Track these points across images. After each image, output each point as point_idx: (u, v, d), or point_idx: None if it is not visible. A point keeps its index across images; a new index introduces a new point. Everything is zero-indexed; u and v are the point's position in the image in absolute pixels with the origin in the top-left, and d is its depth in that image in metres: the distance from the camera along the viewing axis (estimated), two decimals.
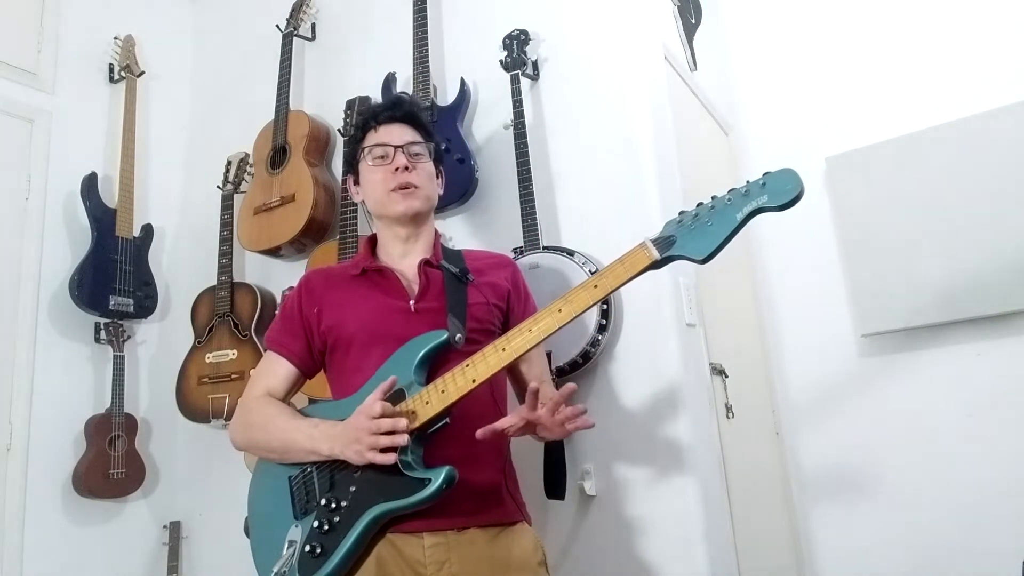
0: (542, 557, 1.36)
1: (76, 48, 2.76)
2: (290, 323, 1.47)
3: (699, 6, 2.80)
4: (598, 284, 1.20)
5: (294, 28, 2.63)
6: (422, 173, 1.47)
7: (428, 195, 1.49)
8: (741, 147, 2.91)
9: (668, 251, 1.18)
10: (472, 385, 1.22)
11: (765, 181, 1.14)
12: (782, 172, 1.14)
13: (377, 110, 1.53)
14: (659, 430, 1.79)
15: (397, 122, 1.50)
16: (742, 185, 1.16)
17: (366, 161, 1.49)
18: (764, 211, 1.14)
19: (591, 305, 1.21)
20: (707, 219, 1.16)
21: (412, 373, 1.27)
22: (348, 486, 1.25)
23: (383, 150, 1.46)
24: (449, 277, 1.43)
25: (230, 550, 2.31)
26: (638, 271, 1.19)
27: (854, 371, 2.55)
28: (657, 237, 1.20)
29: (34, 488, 2.36)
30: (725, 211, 1.15)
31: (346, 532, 1.22)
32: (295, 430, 1.31)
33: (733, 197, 1.16)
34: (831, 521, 2.52)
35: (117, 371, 2.52)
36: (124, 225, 2.62)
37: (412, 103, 1.59)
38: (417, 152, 1.48)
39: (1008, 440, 2.26)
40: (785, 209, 1.13)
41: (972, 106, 2.42)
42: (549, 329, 1.21)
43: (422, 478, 1.19)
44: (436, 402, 1.23)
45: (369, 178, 1.48)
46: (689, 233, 1.17)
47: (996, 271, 2.29)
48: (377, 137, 1.48)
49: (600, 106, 2.02)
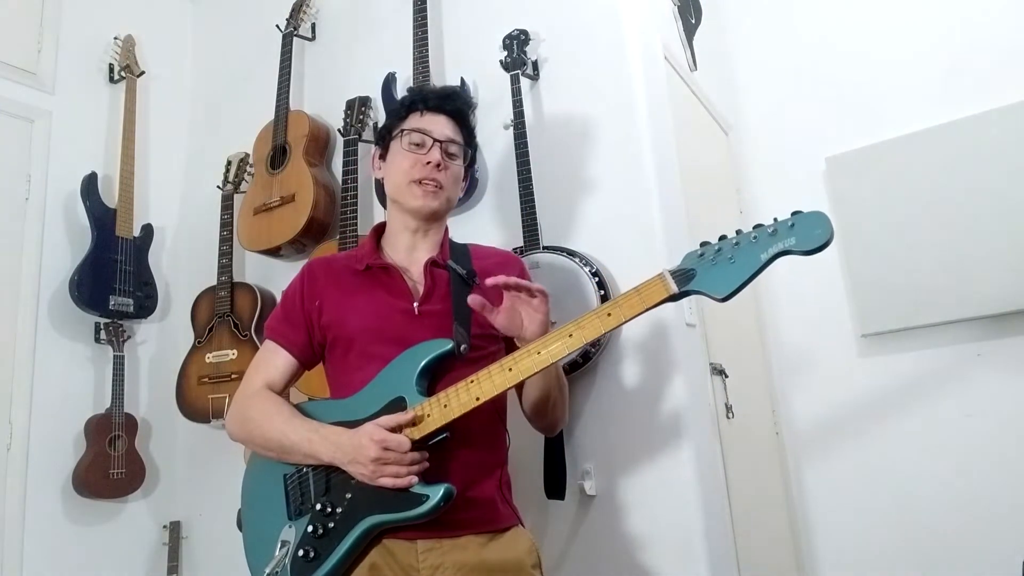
0: (536, 560, 1.35)
1: (76, 48, 2.76)
2: (291, 313, 1.43)
3: (699, 6, 2.80)
4: (611, 313, 1.17)
5: (294, 28, 2.63)
6: (450, 175, 1.43)
7: (449, 197, 1.45)
8: (741, 147, 2.92)
9: (687, 285, 1.14)
10: (476, 403, 1.21)
11: (794, 223, 1.09)
12: (813, 215, 1.09)
13: (429, 95, 1.46)
14: (659, 430, 1.79)
15: (445, 114, 1.45)
16: (769, 224, 1.11)
17: (400, 142, 1.43)
18: (790, 254, 1.09)
19: (603, 333, 1.19)
20: (730, 255, 1.12)
21: (414, 381, 1.26)
22: (344, 492, 1.24)
23: (421, 138, 1.41)
24: (455, 279, 1.40)
25: (230, 550, 2.30)
26: (654, 303, 1.16)
27: (854, 371, 2.55)
28: (676, 269, 1.16)
29: (34, 488, 2.37)
30: (750, 249, 1.10)
31: (340, 539, 1.22)
32: (294, 432, 1.29)
33: (759, 236, 1.11)
34: (831, 521, 2.52)
35: (117, 371, 2.52)
36: (124, 225, 2.62)
37: (465, 101, 1.52)
38: (453, 153, 1.44)
39: (1008, 440, 2.26)
40: (812, 254, 1.08)
41: (972, 106, 2.42)
42: (559, 354, 1.19)
43: (420, 494, 1.19)
44: (438, 416, 1.22)
45: (398, 161, 1.43)
46: (711, 268, 1.13)
47: (996, 271, 2.29)
48: (421, 122, 1.43)
49: (600, 106, 2.02)
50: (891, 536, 2.39)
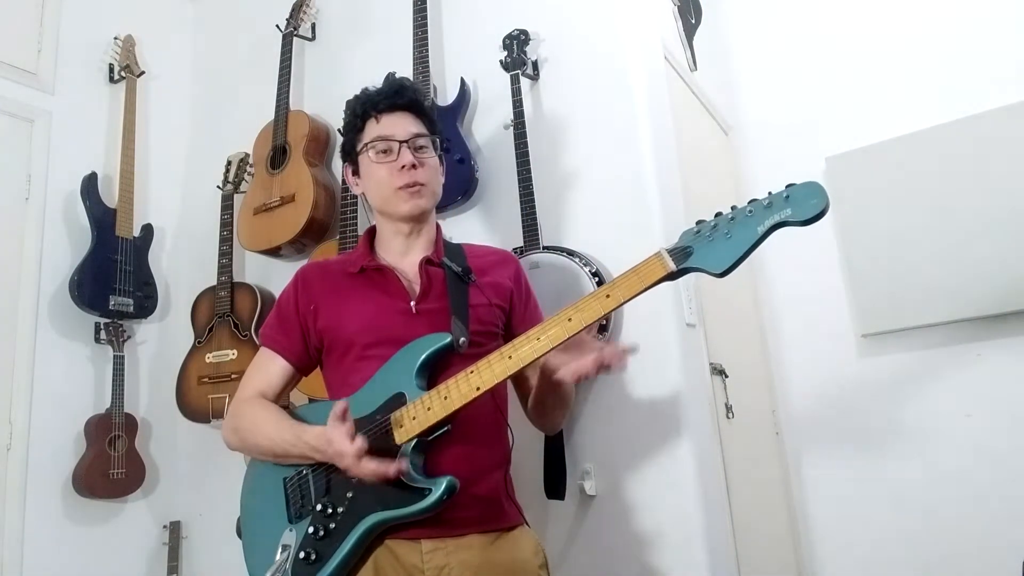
0: (543, 560, 1.35)
1: (76, 48, 2.76)
2: (286, 319, 1.42)
3: (699, 6, 2.80)
4: (610, 294, 1.15)
5: (294, 28, 2.63)
6: (428, 169, 1.41)
7: (434, 191, 1.43)
8: (741, 147, 2.92)
9: (684, 262, 1.12)
10: (476, 393, 1.19)
11: (789, 194, 1.09)
12: (807, 185, 1.08)
13: (377, 98, 1.42)
14: (659, 430, 1.79)
15: (400, 111, 1.41)
16: (764, 197, 1.11)
17: (368, 154, 1.40)
18: (787, 225, 1.08)
19: (603, 315, 1.17)
20: (726, 230, 1.11)
21: (413, 377, 1.25)
22: (345, 492, 1.23)
23: (386, 144, 1.38)
24: (451, 276, 1.38)
25: (230, 550, 2.30)
26: (652, 282, 1.14)
27: (854, 371, 2.55)
28: (673, 247, 1.14)
29: (34, 488, 2.36)
30: (746, 223, 1.10)
31: (342, 539, 1.21)
32: (280, 438, 1.28)
33: (755, 209, 1.10)
34: (831, 521, 2.52)
35: (117, 371, 2.52)
36: (124, 225, 2.62)
37: (415, 90, 1.48)
38: (422, 146, 1.41)
39: (1008, 440, 2.26)
40: (809, 224, 1.07)
41: (972, 106, 2.42)
42: (558, 338, 1.17)
43: (422, 488, 1.17)
44: (438, 409, 1.20)
45: (372, 174, 1.41)
46: (707, 244, 1.12)
47: (996, 271, 2.29)
48: (380, 129, 1.40)
49: (600, 106, 2.02)
50: (891, 536, 2.39)
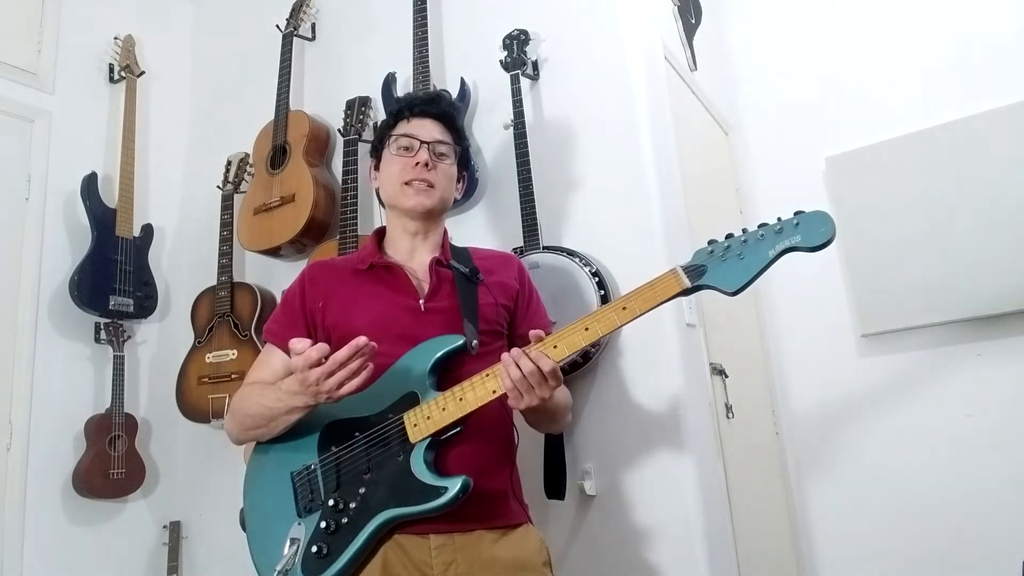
0: (547, 557, 1.36)
1: (76, 48, 2.76)
2: (291, 315, 1.44)
3: (699, 6, 2.80)
4: (627, 307, 1.20)
5: (294, 28, 2.63)
6: (441, 173, 1.46)
7: (443, 196, 1.47)
8: (741, 147, 2.92)
9: (699, 280, 1.18)
10: (492, 397, 1.22)
11: (799, 221, 1.14)
12: (816, 214, 1.14)
13: (414, 101, 1.51)
14: (659, 430, 1.79)
15: (431, 118, 1.48)
16: (774, 222, 1.16)
17: (390, 149, 1.47)
18: (796, 250, 1.14)
19: (618, 327, 1.21)
20: (739, 252, 1.17)
21: (426, 376, 1.27)
22: (357, 487, 1.25)
23: (409, 142, 1.45)
24: (460, 277, 1.41)
25: (230, 550, 2.31)
26: (668, 297, 1.19)
27: (854, 371, 2.55)
28: (688, 265, 1.20)
29: (34, 488, 2.36)
30: (758, 246, 1.16)
31: (354, 535, 1.22)
32: (266, 400, 1.30)
33: (766, 233, 1.16)
34: (831, 521, 2.52)
35: (117, 371, 2.52)
36: (124, 225, 2.62)
37: (450, 103, 1.58)
38: (442, 152, 1.47)
39: (1008, 440, 2.26)
40: (817, 250, 1.13)
41: (972, 106, 2.42)
42: (575, 346, 1.21)
43: (437, 486, 1.20)
44: (454, 409, 1.23)
45: (388, 167, 1.47)
46: (720, 264, 1.18)
47: (996, 271, 2.29)
48: (407, 128, 1.47)
49: (600, 106, 2.02)
50: (891, 536, 2.39)
